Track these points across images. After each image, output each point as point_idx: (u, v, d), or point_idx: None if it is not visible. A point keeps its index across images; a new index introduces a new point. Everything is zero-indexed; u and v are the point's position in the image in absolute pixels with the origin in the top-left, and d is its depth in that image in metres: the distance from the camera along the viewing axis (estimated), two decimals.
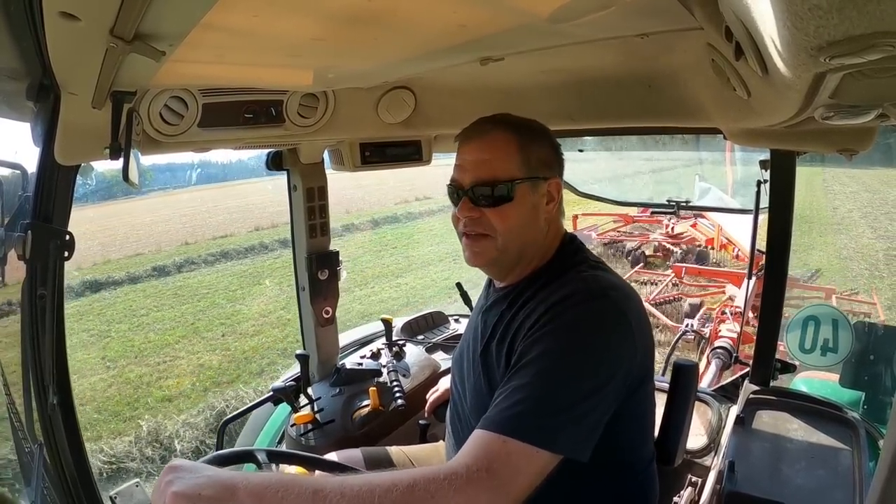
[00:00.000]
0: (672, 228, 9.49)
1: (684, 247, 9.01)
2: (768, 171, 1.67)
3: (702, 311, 6.23)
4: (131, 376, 6.55)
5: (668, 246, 9.19)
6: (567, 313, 0.91)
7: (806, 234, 9.25)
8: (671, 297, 7.15)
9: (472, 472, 0.77)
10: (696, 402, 1.68)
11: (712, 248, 8.74)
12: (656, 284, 7.65)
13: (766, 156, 1.68)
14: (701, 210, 8.42)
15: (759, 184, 1.72)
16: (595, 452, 0.88)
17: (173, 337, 7.81)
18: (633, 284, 7.78)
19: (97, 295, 9.76)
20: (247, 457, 1.09)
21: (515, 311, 1.01)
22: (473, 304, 2.18)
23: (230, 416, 1.77)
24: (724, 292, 6.89)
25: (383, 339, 2.04)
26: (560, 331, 0.90)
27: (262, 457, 1.09)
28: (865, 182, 13.58)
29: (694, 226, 9.37)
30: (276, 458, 1.14)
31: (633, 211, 10.16)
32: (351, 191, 15.49)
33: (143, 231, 14.53)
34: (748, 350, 2.00)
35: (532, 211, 1.03)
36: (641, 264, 8.81)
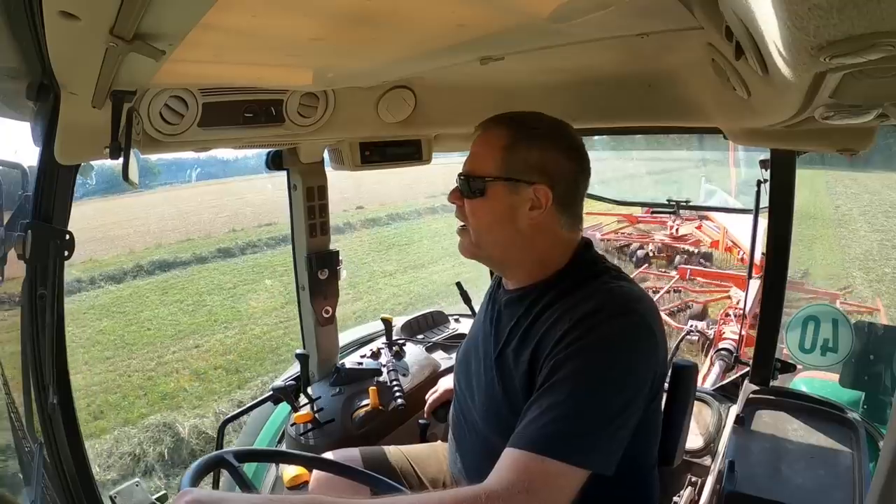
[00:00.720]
0: (676, 230, 9.46)
1: (689, 248, 8.98)
2: (768, 170, 1.66)
3: (704, 312, 6.23)
4: (256, 332, 7.66)
5: (672, 247, 9.16)
6: (597, 329, 0.90)
7: (811, 227, 10.16)
8: (676, 308, 7.12)
9: (512, 493, 0.77)
10: (696, 402, 1.68)
11: (717, 251, 8.72)
12: (657, 291, 7.64)
13: (766, 155, 1.68)
14: (700, 209, 8.41)
15: (759, 183, 1.72)
16: None
17: (276, 303, 8.60)
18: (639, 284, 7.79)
19: (169, 273, 10.79)
20: (218, 462, 1.03)
21: (534, 317, 1.00)
22: (473, 304, 2.19)
23: (230, 415, 1.77)
24: (728, 296, 6.88)
25: (383, 339, 2.03)
26: (593, 347, 0.89)
27: (230, 458, 1.03)
28: (866, 185, 14.52)
29: (699, 227, 9.33)
30: (245, 458, 1.09)
31: (637, 211, 10.15)
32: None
33: (185, 219, 15.51)
34: (751, 352, 2.00)
35: (507, 212, 1.01)
36: (645, 265, 8.78)
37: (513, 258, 1.06)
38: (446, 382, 1.58)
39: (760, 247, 2.00)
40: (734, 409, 1.71)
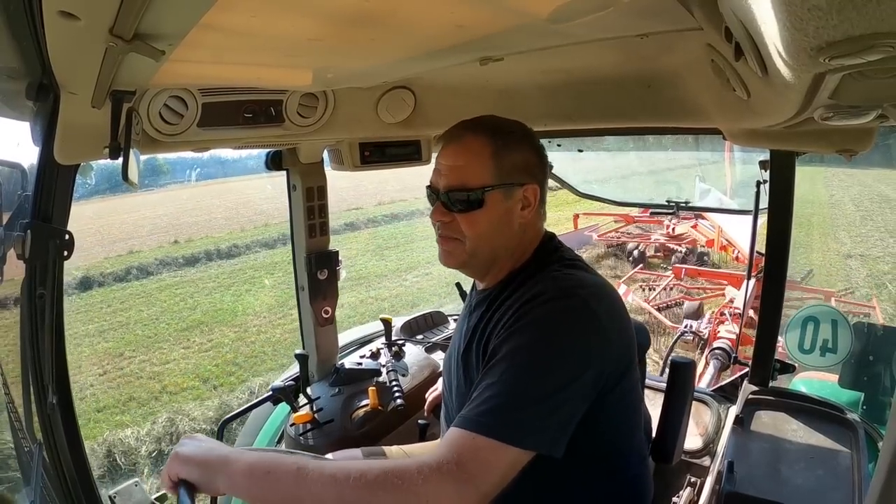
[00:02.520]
0: (673, 229, 9.49)
1: (685, 248, 9.02)
2: (768, 171, 1.67)
3: (699, 311, 6.24)
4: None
5: (669, 246, 9.19)
6: (534, 311, 0.92)
7: (809, 207, 13.83)
8: (671, 302, 7.15)
9: (441, 465, 0.80)
10: (695, 403, 1.68)
11: (712, 250, 8.76)
12: (653, 289, 7.66)
13: (765, 156, 1.68)
14: (699, 210, 8.44)
15: (758, 184, 1.72)
16: (577, 449, 0.89)
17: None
18: (633, 284, 7.84)
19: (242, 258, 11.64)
20: None
21: (493, 312, 1.03)
22: None
23: (229, 415, 1.77)
24: (723, 294, 6.91)
25: (382, 339, 2.03)
26: (526, 328, 0.91)
27: None
28: (860, 179, 17.85)
29: (695, 227, 9.38)
30: None
31: (633, 211, 10.17)
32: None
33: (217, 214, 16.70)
34: (748, 352, 2.00)
35: (504, 216, 1.03)
36: (641, 265, 8.81)
37: (500, 260, 1.07)
38: None
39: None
40: (733, 410, 1.71)
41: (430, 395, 1.61)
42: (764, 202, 1.73)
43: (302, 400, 1.70)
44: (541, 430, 0.85)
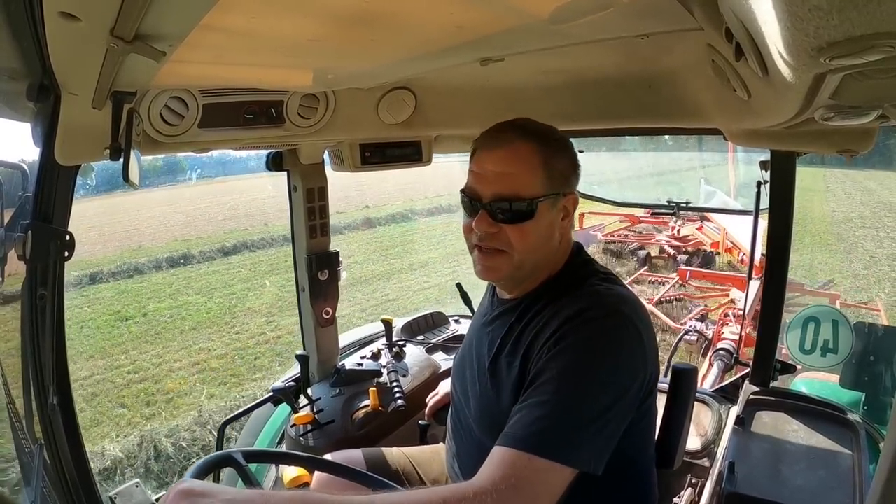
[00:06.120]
0: (678, 231, 9.47)
1: (690, 249, 9.00)
2: (768, 171, 1.66)
3: (701, 313, 6.24)
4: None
5: (673, 248, 9.17)
6: (583, 329, 0.91)
7: (807, 193, 16.53)
8: (673, 298, 7.15)
9: (500, 490, 0.77)
10: (696, 403, 1.67)
11: (717, 252, 8.73)
12: (659, 287, 7.65)
13: (766, 156, 1.67)
14: (699, 211, 8.43)
15: (759, 185, 1.72)
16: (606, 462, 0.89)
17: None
18: (637, 286, 7.84)
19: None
20: (226, 461, 1.04)
21: (526, 323, 1.00)
22: (473, 305, 2.19)
23: (230, 416, 1.77)
24: (727, 296, 6.90)
25: (383, 340, 2.03)
26: (577, 347, 0.90)
27: (239, 458, 1.04)
28: (850, 175, 21.26)
29: (700, 229, 9.34)
30: (254, 458, 1.10)
31: (639, 212, 10.15)
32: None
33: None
34: (750, 353, 2.00)
35: (549, 227, 1.00)
36: (646, 266, 8.79)
37: (539, 271, 1.04)
38: (447, 385, 1.58)
39: (760, 248, 2.00)
40: (734, 411, 1.71)
41: (431, 399, 1.60)
42: (765, 202, 1.73)
43: (303, 401, 1.70)
44: (591, 449, 0.85)
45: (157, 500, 1.37)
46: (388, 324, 2.04)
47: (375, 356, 1.93)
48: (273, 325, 8.07)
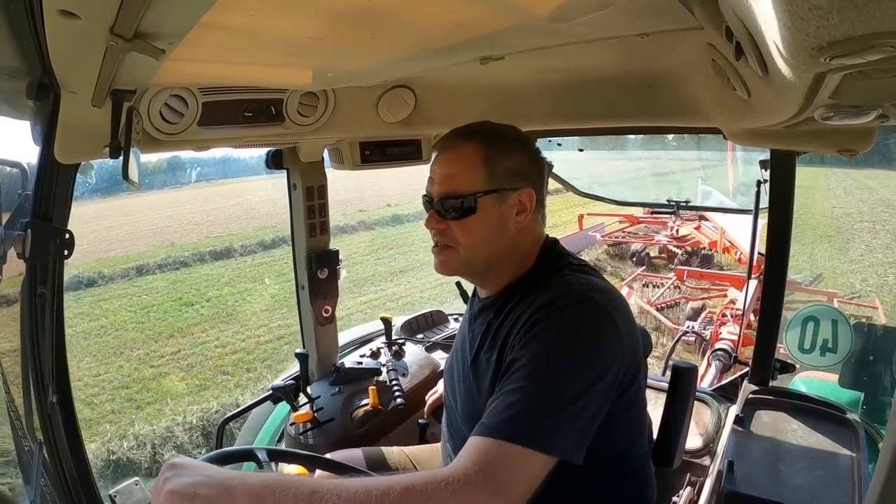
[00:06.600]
0: (677, 230, 9.48)
1: (689, 249, 9.01)
2: (768, 171, 1.66)
3: (703, 315, 6.24)
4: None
5: (672, 248, 9.18)
6: (552, 316, 0.91)
7: (808, 186, 17.49)
8: (672, 302, 7.16)
9: (469, 476, 0.77)
10: (696, 403, 1.68)
11: (715, 251, 8.75)
12: (659, 286, 7.66)
13: (765, 156, 1.67)
14: (699, 210, 8.44)
15: (758, 184, 1.72)
16: (588, 454, 0.88)
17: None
18: (636, 286, 7.85)
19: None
20: (247, 455, 1.09)
21: (502, 318, 1.02)
22: None
23: (229, 414, 1.77)
24: (725, 295, 6.91)
25: (383, 338, 2.04)
26: (546, 334, 0.90)
27: (262, 455, 1.08)
28: (850, 174, 21.84)
29: (698, 228, 9.36)
30: (276, 456, 1.14)
31: (638, 211, 10.16)
32: None
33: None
34: (749, 353, 2.00)
35: (498, 222, 1.03)
36: (645, 266, 8.79)
37: (499, 266, 1.07)
38: None
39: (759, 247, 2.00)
40: (733, 410, 1.71)
41: (430, 397, 1.61)
42: (764, 202, 1.73)
43: (302, 399, 1.70)
44: (566, 436, 0.84)
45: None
46: (387, 322, 2.04)
47: (375, 354, 1.94)
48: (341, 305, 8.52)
